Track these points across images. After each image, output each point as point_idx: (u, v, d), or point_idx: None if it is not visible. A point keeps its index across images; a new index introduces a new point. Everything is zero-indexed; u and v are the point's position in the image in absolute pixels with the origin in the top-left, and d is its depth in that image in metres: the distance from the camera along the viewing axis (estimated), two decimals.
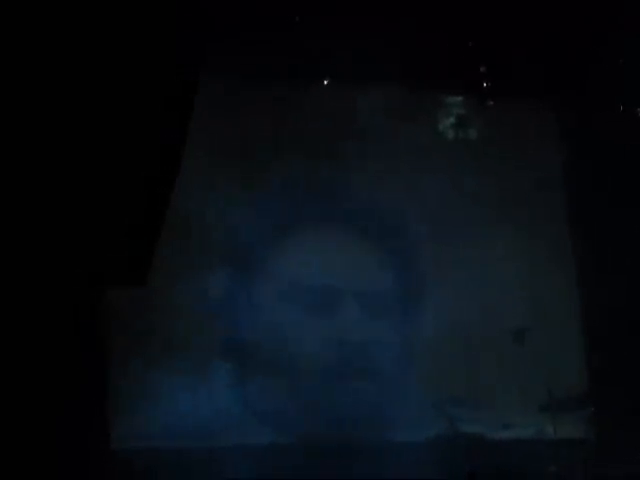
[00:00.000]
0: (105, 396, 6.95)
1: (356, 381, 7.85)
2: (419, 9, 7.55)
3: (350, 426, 7.60)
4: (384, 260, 8.23)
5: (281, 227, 8.01)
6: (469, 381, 7.85)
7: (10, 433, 5.69)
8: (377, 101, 8.13)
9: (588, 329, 8.32)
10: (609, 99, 8.22)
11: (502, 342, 7.43)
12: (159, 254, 4.18)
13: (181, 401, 7.16)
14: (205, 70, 3.72)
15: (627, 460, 6.44)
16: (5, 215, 3.75)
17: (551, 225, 8.50)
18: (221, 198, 7.71)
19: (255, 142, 8.02)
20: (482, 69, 8.19)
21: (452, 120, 8.35)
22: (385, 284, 8.21)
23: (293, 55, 7.71)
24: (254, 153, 8.00)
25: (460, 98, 8.43)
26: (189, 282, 7.55)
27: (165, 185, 4.22)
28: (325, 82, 8.15)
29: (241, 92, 8.00)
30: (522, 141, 8.48)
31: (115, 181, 4.00)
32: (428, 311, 8.15)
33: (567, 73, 8.19)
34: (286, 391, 7.58)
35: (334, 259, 8.02)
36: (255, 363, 7.52)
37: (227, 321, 7.66)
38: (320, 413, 7.55)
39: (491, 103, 8.22)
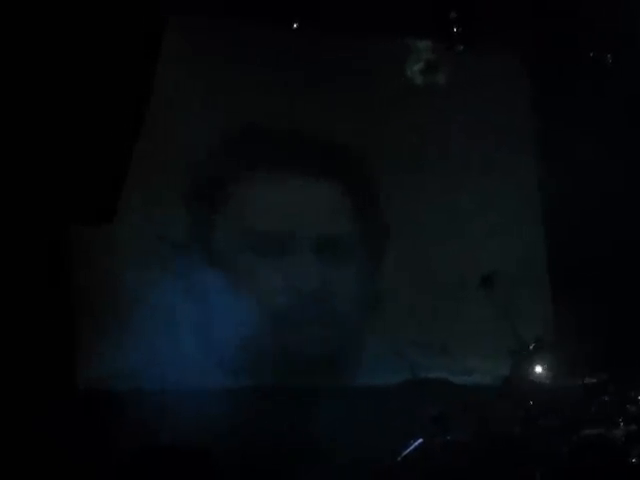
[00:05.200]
0: (72, 336, 6.90)
1: (314, 327, 7.84)
2: None
3: (309, 371, 7.62)
4: (347, 204, 8.19)
5: (240, 171, 7.94)
6: (431, 327, 7.87)
7: None
8: (348, 46, 8.08)
9: (555, 276, 8.38)
10: (574, 41, 8.22)
11: (466, 288, 7.44)
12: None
13: (145, 344, 7.12)
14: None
15: (591, 405, 6.50)
16: None
17: (519, 170, 8.50)
18: (183, 137, 7.63)
19: (226, 80, 7.92)
20: (452, 14, 8.12)
21: (421, 65, 8.29)
22: (347, 228, 8.17)
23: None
24: (220, 92, 7.90)
25: (429, 43, 8.36)
26: (150, 221, 7.47)
27: (133, 122, 4.17)
28: (295, 25, 8.03)
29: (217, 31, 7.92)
30: (491, 83, 8.45)
31: (82, 118, 3.97)
32: (391, 256, 8.14)
33: (532, 16, 8.16)
34: (244, 337, 7.54)
35: (292, 203, 7.96)
36: (212, 308, 7.48)
37: (186, 266, 7.59)
38: (277, 358, 7.55)
39: (460, 48, 8.15)
